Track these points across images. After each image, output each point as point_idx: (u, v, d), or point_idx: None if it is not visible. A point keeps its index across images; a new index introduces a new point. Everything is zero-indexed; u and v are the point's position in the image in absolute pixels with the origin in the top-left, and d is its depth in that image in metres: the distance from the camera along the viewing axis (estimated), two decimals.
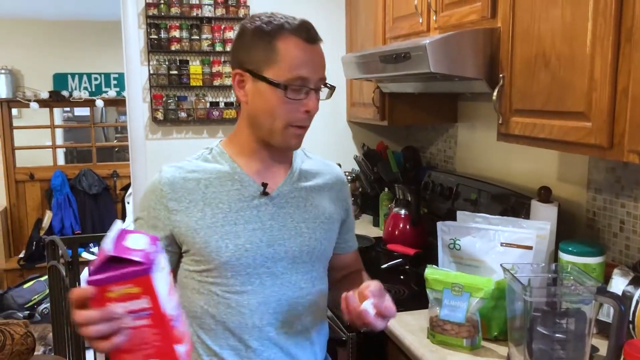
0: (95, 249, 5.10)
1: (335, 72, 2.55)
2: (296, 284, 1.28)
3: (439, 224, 1.66)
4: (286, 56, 1.18)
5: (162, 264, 0.91)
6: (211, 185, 1.25)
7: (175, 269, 1.29)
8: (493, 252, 1.56)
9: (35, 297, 4.69)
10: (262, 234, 1.24)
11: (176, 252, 1.28)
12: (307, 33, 1.21)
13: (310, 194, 1.34)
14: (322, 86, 1.25)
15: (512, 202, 1.98)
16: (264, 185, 1.27)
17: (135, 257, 0.86)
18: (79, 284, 3.00)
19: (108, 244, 0.87)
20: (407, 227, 2.38)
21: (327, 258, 1.38)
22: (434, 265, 1.57)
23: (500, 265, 1.40)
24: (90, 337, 0.86)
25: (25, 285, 4.79)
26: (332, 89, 1.29)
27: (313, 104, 1.21)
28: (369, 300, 1.10)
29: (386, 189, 2.73)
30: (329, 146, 3.02)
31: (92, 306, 0.86)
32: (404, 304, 1.79)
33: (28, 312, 4.59)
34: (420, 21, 2.07)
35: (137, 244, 0.88)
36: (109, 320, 0.85)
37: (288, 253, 1.26)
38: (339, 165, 2.92)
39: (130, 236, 0.90)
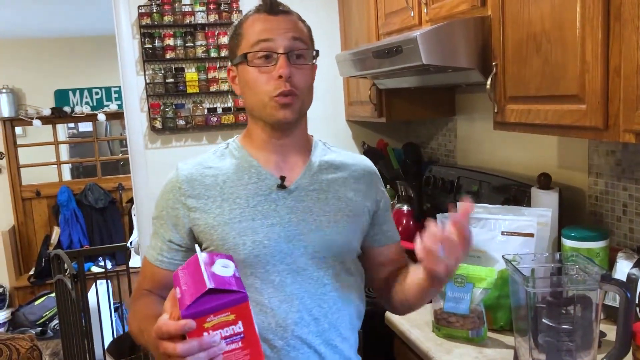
0: (102, 263, 5.10)
1: (333, 71, 2.55)
2: (319, 280, 1.22)
3: (439, 216, 1.65)
4: (248, 31, 1.21)
5: None
6: (229, 180, 1.23)
7: None
8: (494, 241, 1.55)
9: (47, 313, 4.71)
10: (280, 229, 1.20)
11: (190, 251, 1.23)
12: (267, 6, 1.21)
13: (332, 186, 1.28)
14: (301, 50, 1.21)
15: (513, 192, 1.96)
16: (282, 178, 1.23)
17: (233, 287, 0.89)
18: (86, 297, 3.00)
19: (202, 275, 0.89)
20: (411, 222, 2.36)
21: (353, 252, 1.30)
22: None
23: (502, 256, 1.37)
24: None
25: (37, 302, 4.82)
26: (316, 53, 1.25)
27: (282, 68, 1.17)
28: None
29: (388, 186, 2.72)
30: None
31: (189, 336, 0.87)
32: None
33: (40, 328, 4.61)
34: (412, 15, 2.07)
35: (227, 271, 0.92)
36: (207, 349, 0.87)
37: (308, 248, 1.21)
38: None
39: (217, 262, 0.93)
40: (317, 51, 1.25)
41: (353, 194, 1.29)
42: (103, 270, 3.84)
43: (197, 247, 0.98)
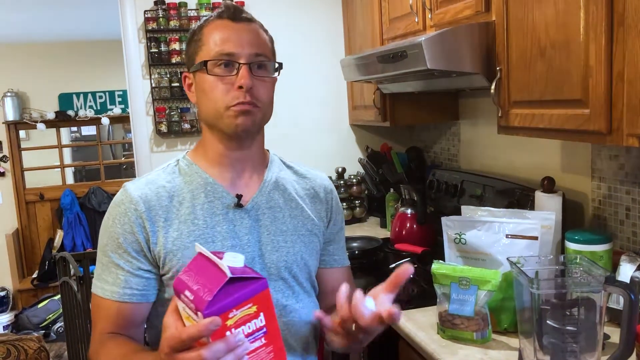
0: None
1: (336, 76, 2.57)
2: (277, 303, 1.16)
3: (444, 219, 1.66)
4: (209, 38, 1.15)
5: None
6: (185, 200, 1.16)
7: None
8: (499, 244, 1.56)
9: (50, 316, 4.72)
10: (240, 251, 1.15)
11: (159, 277, 1.16)
12: (229, 12, 1.16)
13: (289, 204, 1.24)
14: (263, 62, 1.16)
15: (517, 195, 1.97)
16: (238, 197, 1.18)
17: (252, 274, 0.82)
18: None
19: (217, 267, 0.82)
20: (414, 226, 2.37)
21: (311, 271, 1.27)
22: (440, 261, 1.57)
23: (507, 258, 1.39)
24: None
25: (40, 305, 4.82)
26: (278, 65, 1.19)
27: (243, 78, 1.11)
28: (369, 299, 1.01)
29: (392, 190, 2.74)
30: (333, 150, 3.04)
31: (212, 339, 0.79)
32: (413, 302, 1.80)
33: (43, 331, 4.61)
34: (416, 20, 2.09)
35: (238, 262, 0.84)
36: (234, 349, 0.79)
37: (264, 270, 1.17)
38: (344, 169, 2.96)
39: (226, 255, 0.86)
40: (280, 64, 1.20)
41: (309, 212, 1.26)
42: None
43: (197, 245, 0.90)
